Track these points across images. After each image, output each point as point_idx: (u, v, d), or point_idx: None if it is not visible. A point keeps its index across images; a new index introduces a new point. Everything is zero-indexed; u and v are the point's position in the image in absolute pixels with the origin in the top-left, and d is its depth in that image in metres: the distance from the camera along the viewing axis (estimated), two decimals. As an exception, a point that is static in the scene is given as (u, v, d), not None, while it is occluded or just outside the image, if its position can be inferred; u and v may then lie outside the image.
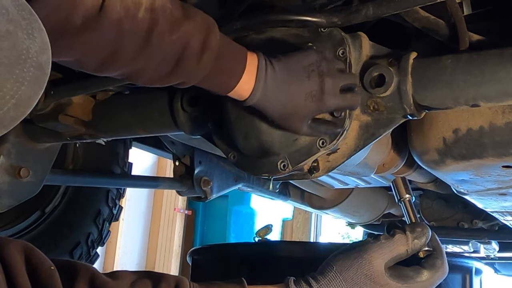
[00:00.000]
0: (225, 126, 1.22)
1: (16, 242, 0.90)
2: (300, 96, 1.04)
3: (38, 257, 0.89)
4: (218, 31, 0.99)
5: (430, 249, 1.08)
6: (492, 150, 1.25)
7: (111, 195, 2.37)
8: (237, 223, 7.04)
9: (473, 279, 1.93)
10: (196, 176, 1.95)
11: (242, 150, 1.21)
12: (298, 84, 1.04)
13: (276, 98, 1.04)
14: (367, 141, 1.15)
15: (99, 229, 2.34)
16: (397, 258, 1.03)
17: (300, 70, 1.05)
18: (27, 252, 0.89)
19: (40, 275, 0.87)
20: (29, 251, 0.89)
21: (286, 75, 1.04)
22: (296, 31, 1.16)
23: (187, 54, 0.95)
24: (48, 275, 0.87)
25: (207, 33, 0.97)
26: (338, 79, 1.08)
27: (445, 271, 1.07)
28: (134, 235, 6.69)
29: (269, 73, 1.03)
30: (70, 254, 2.20)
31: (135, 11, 0.88)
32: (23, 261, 0.87)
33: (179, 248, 6.94)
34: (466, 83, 1.06)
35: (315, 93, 1.04)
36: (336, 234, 7.69)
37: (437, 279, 1.05)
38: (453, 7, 1.09)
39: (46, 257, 0.91)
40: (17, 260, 0.86)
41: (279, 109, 1.06)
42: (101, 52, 0.90)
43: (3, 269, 0.83)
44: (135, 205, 6.58)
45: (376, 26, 1.33)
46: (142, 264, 6.84)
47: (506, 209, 1.81)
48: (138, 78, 0.99)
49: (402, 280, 1.01)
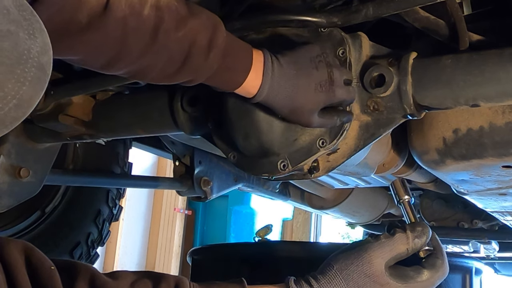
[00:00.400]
0: (225, 126, 1.22)
1: (17, 242, 0.90)
2: (310, 87, 1.04)
3: (38, 257, 0.89)
4: (224, 29, 0.98)
5: (430, 249, 1.08)
6: (492, 150, 1.25)
7: (111, 195, 2.37)
8: (237, 223, 7.04)
9: (473, 279, 1.93)
10: (196, 176, 1.95)
11: (242, 150, 1.21)
12: (307, 76, 1.04)
13: (284, 92, 1.03)
14: (367, 141, 1.15)
15: (99, 229, 2.34)
16: (398, 258, 1.03)
17: (308, 62, 1.05)
18: (27, 252, 0.89)
19: (40, 275, 0.87)
20: (29, 251, 0.89)
21: (293, 68, 1.04)
22: (296, 31, 1.16)
23: (194, 51, 0.95)
24: (48, 275, 0.87)
25: (213, 30, 0.96)
26: (343, 71, 1.09)
27: (446, 271, 1.07)
28: (134, 235, 6.69)
29: (275, 69, 1.02)
30: (70, 254, 2.20)
31: (140, 8, 0.88)
32: (23, 261, 0.87)
33: (179, 248, 6.94)
34: (466, 83, 1.06)
35: (325, 83, 1.05)
36: (336, 234, 7.69)
37: (437, 278, 1.05)
38: (453, 7, 1.09)
39: (46, 257, 0.90)
40: (17, 260, 0.86)
41: (289, 104, 1.05)
42: (106, 51, 0.89)
43: (3, 269, 0.83)
44: (135, 205, 6.58)
45: (376, 26, 1.33)
46: (142, 264, 6.84)
47: (506, 209, 1.81)
48: (145, 76, 0.98)
49: (403, 280, 1.01)
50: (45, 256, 0.90)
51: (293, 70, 1.04)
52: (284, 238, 7.16)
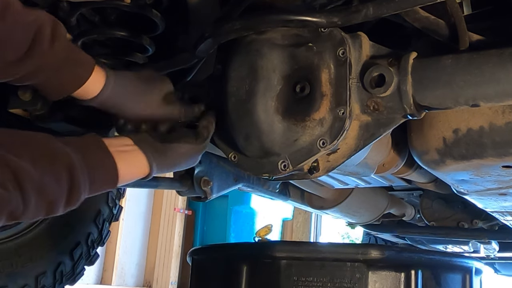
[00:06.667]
0: (226, 127, 1.23)
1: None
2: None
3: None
4: (64, 28, 1.04)
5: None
6: (492, 150, 1.25)
7: (111, 195, 2.37)
8: (237, 223, 7.03)
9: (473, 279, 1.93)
10: (196, 176, 1.94)
11: (243, 151, 1.21)
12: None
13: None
14: (367, 141, 1.15)
15: (99, 229, 2.34)
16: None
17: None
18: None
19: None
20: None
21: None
22: (296, 31, 1.16)
23: (39, 38, 0.98)
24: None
25: (57, 23, 1.02)
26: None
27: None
28: (134, 235, 6.69)
29: (113, 73, 1.12)
30: (70, 254, 2.20)
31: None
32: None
33: (179, 248, 6.94)
34: (466, 83, 1.06)
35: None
36: (336, 234, 7.69)
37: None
38: (453, 7, 1.10)
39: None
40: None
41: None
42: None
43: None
44: (135, 205, 6.58)
45: (376, 26, 1.33)
46: (142, 264, 6.84)
47: (506, 209, 1.81)
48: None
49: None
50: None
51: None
52: (284, 238, 7.16)
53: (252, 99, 1.16)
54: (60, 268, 2.07)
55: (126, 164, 1.03)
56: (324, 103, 1.12)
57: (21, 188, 0.83)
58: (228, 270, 1.77)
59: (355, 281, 1.58)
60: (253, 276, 1.68)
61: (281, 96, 1.15)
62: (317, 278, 1.60)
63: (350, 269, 1.59)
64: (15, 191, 0.82)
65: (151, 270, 6.83)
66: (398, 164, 1.59)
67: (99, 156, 1.00)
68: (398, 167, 1.61)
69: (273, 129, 1.14)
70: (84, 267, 2.25)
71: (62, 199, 0.92)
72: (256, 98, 1.16)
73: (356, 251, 1.61)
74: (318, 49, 1.14)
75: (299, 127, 1.13)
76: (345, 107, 1.11)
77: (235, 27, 1.13)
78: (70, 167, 0.92)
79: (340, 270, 1.60)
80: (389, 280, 1.60)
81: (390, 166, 1.58)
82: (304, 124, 1.13)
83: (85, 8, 1.29)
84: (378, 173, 1.59)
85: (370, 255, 1.60)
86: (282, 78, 1.16)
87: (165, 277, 6.70)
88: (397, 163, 1.58)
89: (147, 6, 1.30)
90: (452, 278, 1.78)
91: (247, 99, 1.17)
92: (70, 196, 0.93)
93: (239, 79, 1.18)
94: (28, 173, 0.85)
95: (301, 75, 1.15)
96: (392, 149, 1.53)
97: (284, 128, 1.14)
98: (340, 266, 1.60)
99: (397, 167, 1.61)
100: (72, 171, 0.92)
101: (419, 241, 3.11)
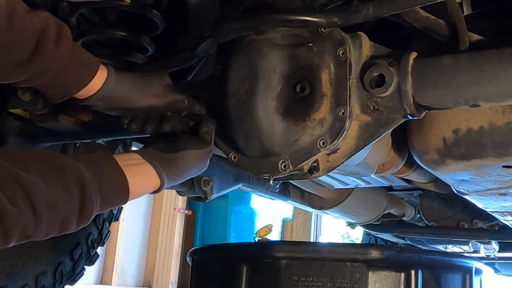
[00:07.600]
0: (226, 127, 1.23)
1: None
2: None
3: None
4: (69, 29, 1.05)
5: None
6: (492, 150, 1.25)
7: (111, 195, 2.37)
8: (237, 223, 7.03)
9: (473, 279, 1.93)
10: (196, 176, 1.94)
11: (243, 151, 1.21)
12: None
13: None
14: (367, 141, 1.15)
15: (99, 229, 2.34)
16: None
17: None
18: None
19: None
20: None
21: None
22: (296, 31, 1.16)
23: (44, 39, 0.99)
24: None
25: (61, 24, 1.02)
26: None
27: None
28: (134, 235, 6.69)
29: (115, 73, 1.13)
30: (70, 254, 2.20)
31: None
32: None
33: (179, 248, 6.94)
34: (466, 83, 1.06)
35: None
36: (336, 234, 7.69)
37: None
38: (453, 7, 1.10)
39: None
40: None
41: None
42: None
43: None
44: (135, 205, 6.58)
45: (376, 26, 1.33)
46: (142, 264, 6.84)
47: (506, 209, 1.81)
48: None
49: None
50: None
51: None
52: (284, 238, 7.16)
53: (252, 99, 1.16)
54: (60, 268, 2.07)
55: (136, 177, 1.03)
56: (324, 103, 1.12)
57: (32, 203, 0.81)
58: (228, 270, 1.77)
59: (355, 281, 1.58)
60: (253, 276, 1.68)
61: (281, 96, 1.15)
62: (317, 278, 1.60)
63: (350, 269, 1.59)
64: (26, 207, 0.80)
65: (151, 270, 6.83)
66: (398, 164, 1.59)
67: (109, 170, 0.99)
68: (398, 167, 1.61)
69: (273, 129, 1.14)
70: (84, 267, 2.25)
71: (75, 214, 0.90)
72: (256, 98, 1.16)
73: (356, 251, 1.61)
74: (318, 49, 1.14)
75: (299, 127, 1.13)
76: (345, 107, 1.11)
77: (235, 27, 1.13)
78: (81, 180, 0.90)
79: (340, 270, 1.60)
80: (389, 280, 1.60)
81: (390, 166, 1.58)
82: (304, 124, 1.13)
83: (85, 8, 1.29)
84: (378, 173, 1.59)
85: (370, 255, 1.60)
86: (282, 78, 1.16)
87: (165, 277, 6.70)
88: (397, 163, 1.58)
89: (147, 6, 1.30)
90: (452, 278, 1.78)
91: (247, 99, 1.17)
92: (83, 210, 0.91)
93: (239, 79, 1.18)
94: (38, 187, 0.83)
95: (301, 75, 1.15)
96: (392, 149, 1.53)
97: (284, 128, 1.14)
98: (340, 266, 1.60)
99: (397, 167, 1.61)
100: (83, 185, 0.90)
101: (419, 241, 3.11)
